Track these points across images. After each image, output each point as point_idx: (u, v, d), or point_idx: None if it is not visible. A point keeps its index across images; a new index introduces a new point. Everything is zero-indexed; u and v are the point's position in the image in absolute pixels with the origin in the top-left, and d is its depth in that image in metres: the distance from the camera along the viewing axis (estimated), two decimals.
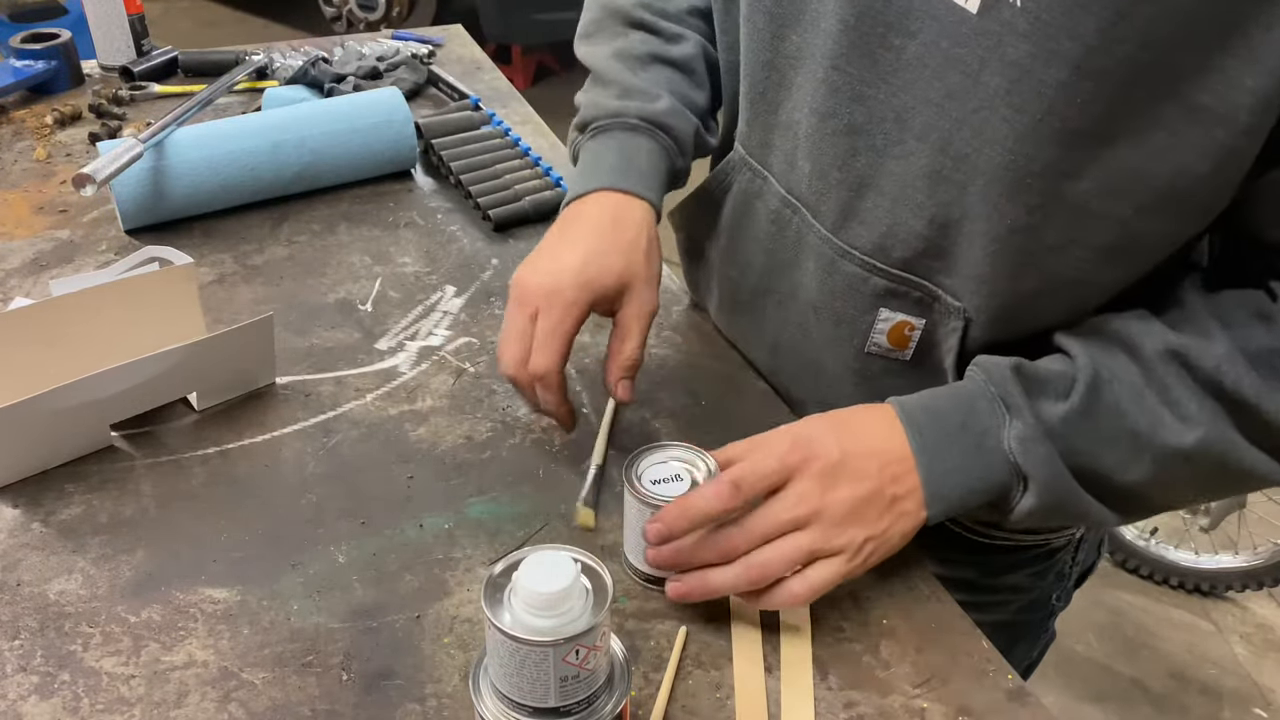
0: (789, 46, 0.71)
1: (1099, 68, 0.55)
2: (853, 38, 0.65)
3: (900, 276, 0.71)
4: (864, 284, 0.72)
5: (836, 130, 0.69)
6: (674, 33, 0.85)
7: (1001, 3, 0.57)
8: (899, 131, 0.66)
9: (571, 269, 0.73)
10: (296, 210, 1.11)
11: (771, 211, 0.79)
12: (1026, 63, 0.57)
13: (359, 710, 0.61)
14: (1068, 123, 0.58)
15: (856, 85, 0.67)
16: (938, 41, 0.61)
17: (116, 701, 0.61)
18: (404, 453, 0.80)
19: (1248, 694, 1.90)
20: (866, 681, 0.64)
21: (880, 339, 0.74)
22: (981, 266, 0.66)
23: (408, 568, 0.70)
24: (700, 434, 0.82)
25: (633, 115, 0.81)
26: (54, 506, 0.74)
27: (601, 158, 0.81)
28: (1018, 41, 0.57)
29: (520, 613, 0.52)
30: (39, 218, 1.08)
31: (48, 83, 1.34)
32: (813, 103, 0.70)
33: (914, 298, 0.71)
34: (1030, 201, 0.62)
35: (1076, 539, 0.88)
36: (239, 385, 0.85)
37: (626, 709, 0.57)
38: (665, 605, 0.68)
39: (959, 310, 0.69)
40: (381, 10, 4.04)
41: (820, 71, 0.69)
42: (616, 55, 0.85)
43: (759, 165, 0.79)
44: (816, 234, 0.75)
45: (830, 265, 0.74)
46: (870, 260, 0.71)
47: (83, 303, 0.78)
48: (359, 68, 1.36)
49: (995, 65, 0.59)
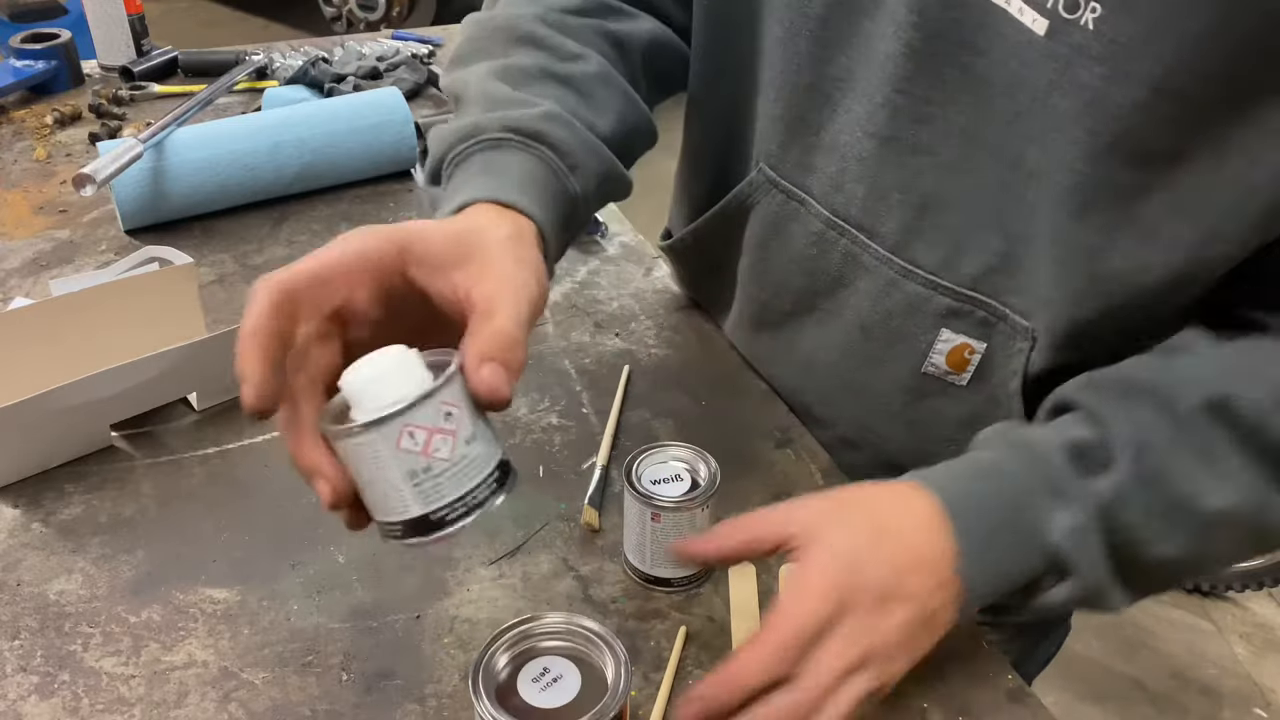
0: (836, 69, 0.69)
1: (1176, 89, 0.54)
2: (919, 60, 0.63)
3: (967, 295, 0.69)
4: (926, 303, 0.71)
5: (900, 152, 0.67)
6: (571, 51, 0.70)
7: (1072, 25, 0.56)
8: (968, 148, 0.64)
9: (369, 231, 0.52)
10: (296, 210, 1.11)
11: (812, 234, 0.75)
12: (1100, 85, 0.56)
13: (359, 710, 0.61)
14: (1141, 145, 0.57)
15: (921, 106, 0.65)
16: (1006, 61, 0.60)
17: (116, 701, 0.61)
18: None
19: (1248, 694, 1.90)
20: None
21: (939, 359, 0.72)
22: (1049, 287, 0.65)
23: (408, 568, 0.70)
24: (700, 434, 0.82)
25: (493, 129, 0.61)
26: (54, 506, 0.74)
27: (453, 189, 0.60)
28: (1090, 64, 0.56)
29: (355, 415, 0.46)
30: (39, 218, 1.08)
31: (48, 83, 1.34)
32: (868, 126, 0.68)
33: (979, 318, 0.69)
34: (1099, 222, 0.61)
35: None
36: (239, 385, 0.84)
37: (626, 709, 0.56)
38: (665, 605, 0.68)
39: (1027, 331, 0.68)
40: (381, 10, 4.04)
41: (879, 95, 0.66)
42: (492, 72, 0.67)
43: (795, 188, 0.76)
44: (873, 254, 0.72)
45: (889, 284, 0.72)
46: (935, 278, 0.70)
47: (83, 303, 0.78)
48: (359, 68, 1.36)
49: (1065, 88, 0.57)
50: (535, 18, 0.70)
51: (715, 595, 0.69)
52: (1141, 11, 0.54)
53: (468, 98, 0.66)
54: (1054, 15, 0.57)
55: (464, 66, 0.70)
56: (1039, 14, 0.57)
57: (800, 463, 0.80)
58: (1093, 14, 0.55)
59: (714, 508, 0.67)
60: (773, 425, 0.84)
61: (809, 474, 0.79)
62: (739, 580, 0.70)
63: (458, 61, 0.71)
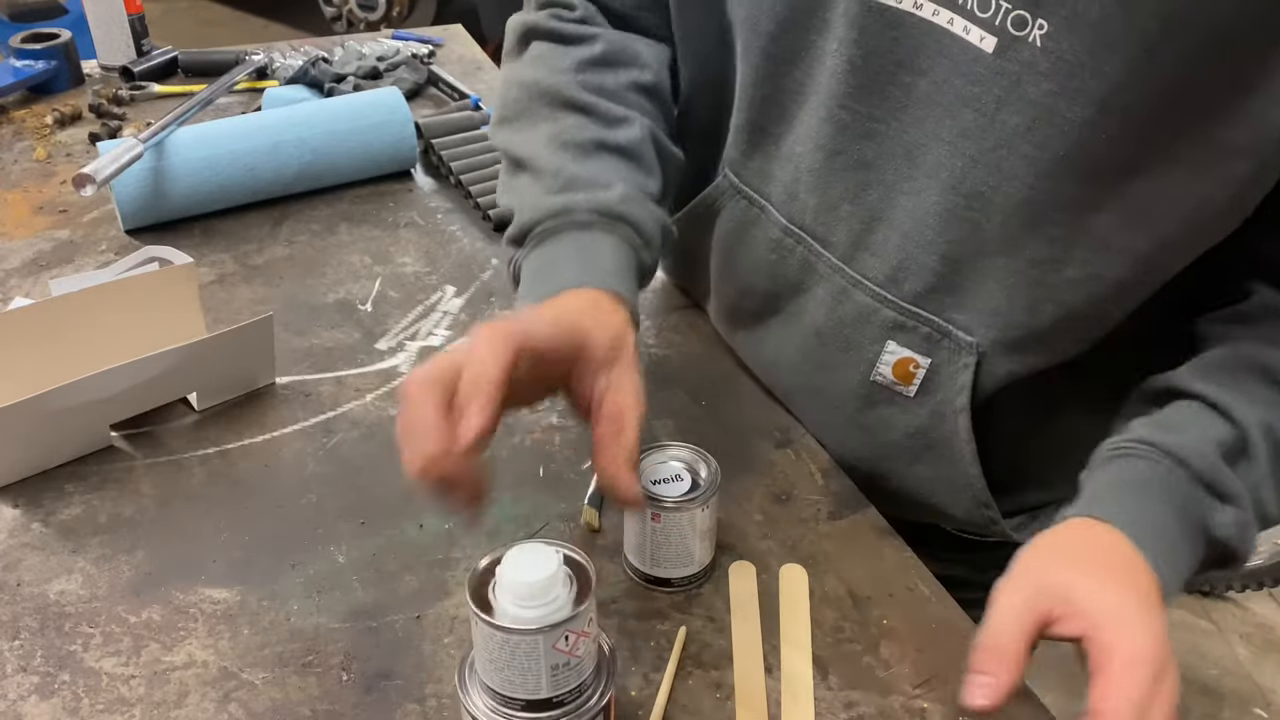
0: (790, 83, 0.70)
1: (1123, 105, 0.55)
2: (860, 77, 0.65)
3: (910, 311, 0.70)
4: (874, 315, 0.72)
5: (846, 165, 0.69)
6: (617, 115, 0.74)
7: (1020, 42, 0.57)
8: (909, 168, 0.66)
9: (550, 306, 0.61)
10: (296, 210, 1.11)
11: (772, 240, 0.77)
12: (1048, 101, 0.57)
13: (359, 710, 0.61)
14: (1090, 159, 0.57)
15: (865, 122, 0.66)
16: (950, 79, 0.61)
17: (116, 701, 0.61)
18: None
19: (1248, 694, 1.90)
20: (866, 681, 0.64)
21: (885, 370, 0.73)
22: (998, 300, 0.66)
23: (408, 568, 0.70)
24: (700, 434, 0.82)
25: (583, 210, 0.68)
26: (54, 506, 0.74)
27: (558, 263, 0.66)
28: (1038, 80, 0.57)
29: (507, 605, 0.52)
30: (39, 218, 1.08)
31: (48, 83, 1.34)
32: (818, 138, 0.69)
33: (923, 333, 0.70)
34: (1051, 234, 0.62)
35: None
36: (239, 385, 0.85)
37: (613, 701, 0.57)
38: (665, 605, 0.68)
39: (971, 346, 0.69)
40: (381, 10, 4.04)
41: (824, 110, 0.68)
42: (551, 142, 0.72)
43: (755, 194, 0.77)
44: (827, 263, 0.74)
45: (841, 293, 0.73)
46: (881, 292, 0.71)
47: (83, 303, 0.78)
48: (359, 68, 1.36)
49: (1014, 104, 0.58)
50: (575, 83, 0.74)
51: (715, 595, 0.69)
52: (1087, 29, 0.54)
53: (536, 166, 0.72)
54: (1002, 33, 0.57)
55: (514, 128, 0.76)
56: (986, 32, 0.58)
57: (800, 463, 0.80)
58: (1040, 31, 0.56)
59: (714, 508, 0.67)
60: (773, 425, 0.84)
61: (809, 474, 0.79)
62: (739, 580, 0.70)
63: (505, 122, 0.77)
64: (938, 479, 0.76)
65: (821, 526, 0.75)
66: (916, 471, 0.76)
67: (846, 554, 0.73)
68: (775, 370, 0.84)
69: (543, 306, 0.61)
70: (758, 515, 0.75)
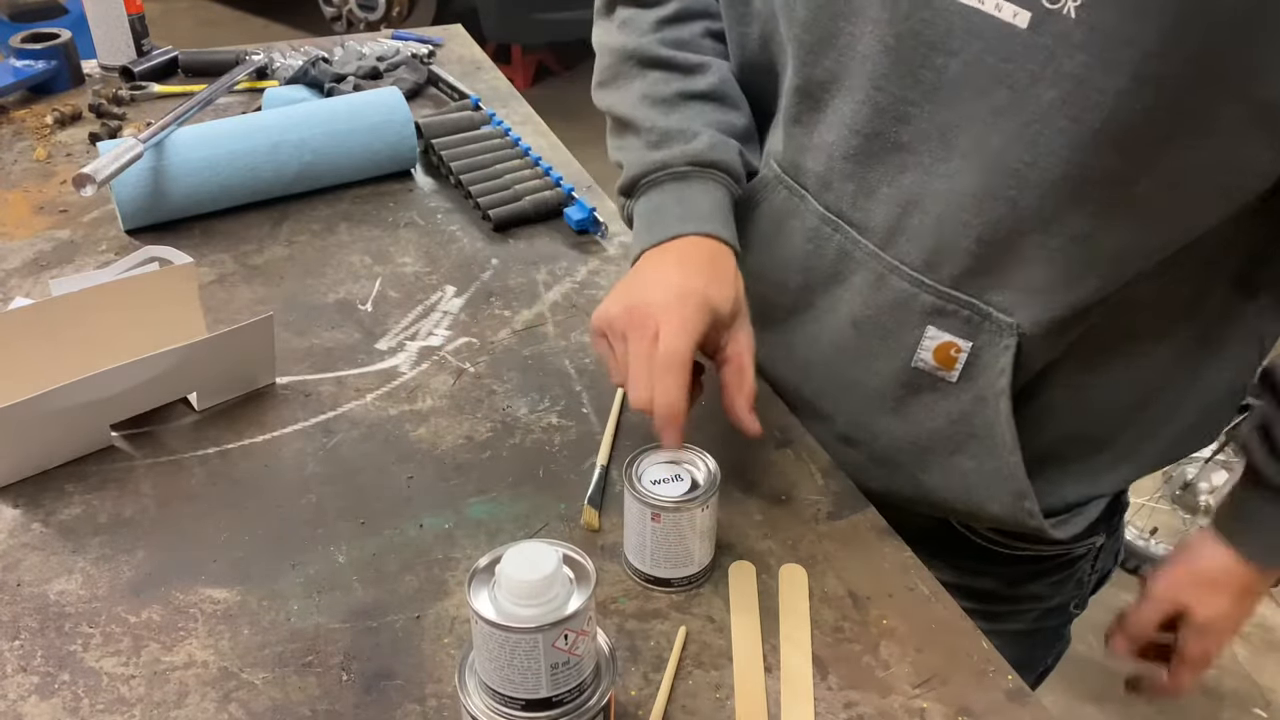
0: (820, 72, 0.71)
1: (1159, 74, 0.55)
2: (893, 58, 0.65)
3: (949, 294, 0.70)
4: (913, 300, 0.72)
5: (883, 148, 0.69)
6: (694, 64, 0.82)
7: (1054, 15, 0.57)
8: (944, 150, 0.66)
9: (696, 290, 0.70)
10: (296, 210, 1.11)
11: (809, 229, 0.77)
12: (1083, 73, 0.57)
13: (359, 710, 0.61)
14: (1128, 130, 0.57)
15: (901, 105, 0.67)
16: (982, 58, 0.61)
17: (116, 701, 0.61)
18: (404, 453, 0.80)
19: (1248, 694, 1.90)
20: (866, 681, 0.64)
21: (927, 356, 0.73)
22: (1038, 278, 0.66)
23: (408, 568, 0.70)
24: (700, 434, 0.82)
25: (679, 163, 0.78)
26: (54, 506, 0.74)
27: (664, 210, 0.78)
28: (1073, 52, 0.57)
29: (506, 604, 0.52)
30: (39, 218, 1.08)
31: (48, 83, 1.34)
32: (854, 122, 0.70)
33: (963, 316, 0.70)
34: (1089, 208, 0.62)
35: (1097, 547, 0.88)
36: (239, 385, 0.85)
37: (613, 700, 0.57)
38: (665, 605, 0.68)
39: (1011, 327, 0.69)
40: (381, 10, 4.04)
41: (861, 92, 0.68)
42: (642, 100, 0.82)
43: (795, 183, 0.78)
44: (864, 249, 0.74)
45: (879, 280, 0.73)
46: (919, 276, 0.71)
47: (83, 303, 0.78)
48: (359, 68, 1.36)
49: (1049, 78, 0.58)
50: (655, 42, 0.83)
51: (715, 595, 0.69)
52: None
53: (634, 124, 0.82)
54: (1036, 6, 0.58)
55: (610, 90, 0.85)
56: (1020, 7, 0.58)
57: (800, 463, 0.80)
58: (1074, 2, 0.56)
59: (714, 508, 0.67)
60: (773, 425, 0.84)
61: (809, 474, 0.79)
62: (739, 580, 0.70)
63: (603, 85, 0.86)
64: (977, 470, 0.75)
65: (821, 526, 0.75)
66: (956, 463, 0.75)
67: (846, 554, 0.73)
68: (807, 370, 0.83)
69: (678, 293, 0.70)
70: (758, 515, 0.75)
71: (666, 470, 0.68)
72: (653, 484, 0.66)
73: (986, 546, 0.84)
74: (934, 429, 0.75)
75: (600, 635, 0.57)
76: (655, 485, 0.66)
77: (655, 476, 0.67)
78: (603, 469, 0.78)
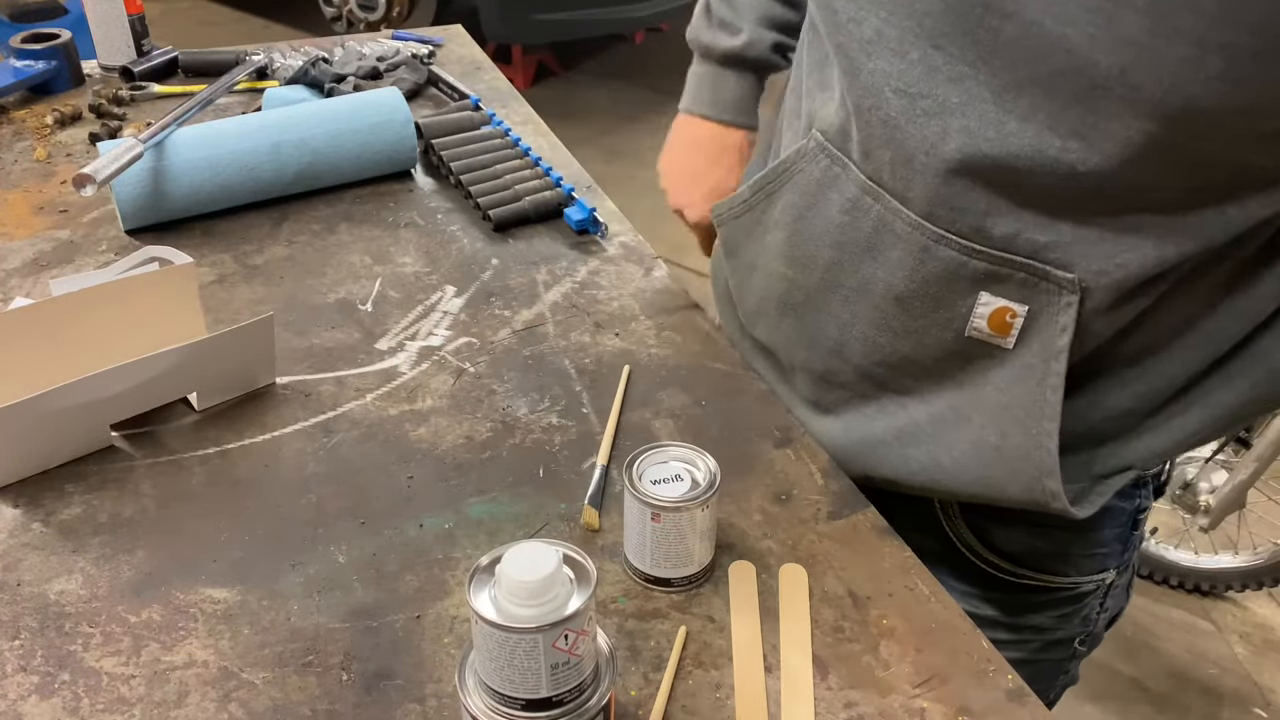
0: (865, 30, 0.68)
1: (1222, 41, 0.53)
2: (954, 17, 0.63)
3: (1003, 258, 0.67)
4: (963, 268, 0.69)
5: (928, 111, 0.66)
6: None
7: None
8: (999, 113, 0.63)
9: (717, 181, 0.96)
10: (296, 210, 1.11)
11: (848, 200, 0.74)
12: (1145, 40, 0.55)
13: (359, 710, 0.61)
14: (1192, 100, 0.56)
15: (956, 64, 0.64)
16: (1040, 20, 0.59)
17: (116, 701, 0.61)
18: (404, 453, 0.80)
19: (1248, 694, 1.90)
20: (866, 681, 0.64)
21: (980, 324, 0.71)
22: (1095, 234, 0.64)
23: (408, 568, 0.70)
24: (700, 434, 0.82)
25: (717, 54, 0.94)
26: (54, 506, 0.74)
27: (702, 86, 0.97)
28: (1134, 17, 0.55)
29: (506, 604, 0.52)
30: (39, 218, 1.08)
31: (48, 83, 1.34)
32: (897, 83, 0.67)
33: (1018, 279, 0.68)
34: (1152, 172, 0.60)
35: (1106, 584, 0.87)
36: (239, 385, 0.85)
37: (613, 700, 0.57)
38: (665, 605, 0.68)
39: (1072, 283, 0.66)
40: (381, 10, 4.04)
41: (915, 52, 0.65)
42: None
43: (840, 153, 0.75)
44: (905, 220, 0.70)
45: (923, 252, 0.70)
46: (968, 244, 0.68)
47: (83, 303, 0.78)
48: (359, 68, 1.36)
49: (1109, 44, 0.56)
50: None
51: (715, 595, 0.69)
52: None
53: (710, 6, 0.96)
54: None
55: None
56: None
57: (800, 463, 0.80)
58: None
59: (714, 508, 0.67)
60: (773, 425, 0.84)
61: (809, 474, 0.79)
62: (739, 580, 0.70)
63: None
64: (1000, 447, 0.73)
65: (821, 526, 0.75)
66: (983, 436, 0.74)
67: (846, 554, 0.73)
68: (843, 354, 0.80)
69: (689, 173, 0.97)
70: (758, 515, 0.75)
71: (666, 470, 0.68)
72: (653, 484, 0.66)
73: (992, 573, 0.83)
74: (983, 396, 0.74)
75: (600, 635, 0.57)
76: (655, 485, 0.66)
77: (655, 476, 0.67)
78: (603, 469, 0.78)
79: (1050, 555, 0.83)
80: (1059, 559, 0.84)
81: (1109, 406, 0.74)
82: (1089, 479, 0.77)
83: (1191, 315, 0.70)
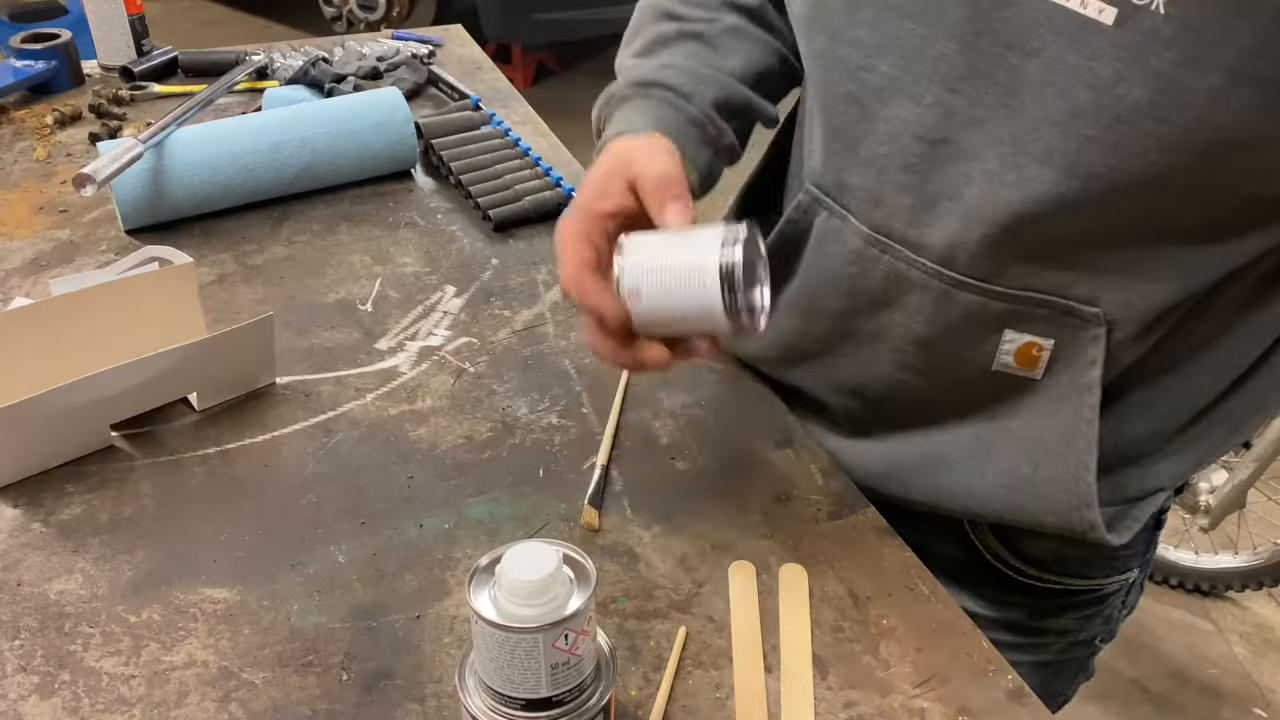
0: (877, 77, 0.67)
1: (1256, 74, 0.53)
2: (971, 58, 0.62)
3: (1026, 297, 0.67)
4: (984, 309, 0.68)
5: (950, 157, 0.65)
6: (703, 16, 0.80)
7: (1142, 11, 0.54)
8: (1017, 155, 0.62)
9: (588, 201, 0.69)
10: (296, 210, 1.11)
11: (852, 252, 0.72)
12: (1173, 72, 0.54)
13: (359, 710, 0.61)
14: (1220, 132, 0.55)
15: (974, 108, 0.63)
16: (1064, 57, 0.58)
17: (116, 701, 0.61)
18: (404, 453, 0.80)
19: (1248, 694, 1.90)
20: (866, 681, 0.64)
21: (1007, 359, 0.70)
22: (1118, 271, 0.64)
23: (408, 568, 0.70)
24: (700, 434, 0.82)
25: (620, 88, 0.77)
26: (54, 506, 0.74)
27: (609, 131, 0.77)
28: (1162, 50, 0.54)
29: (506, 604, 0.52)
30: (39, 218, 1.08)
31: (48, 83, 1.34)
32: (916, 128, 0.66)
33: (1041, 315, 0.67)
34: (1174, 209, 0.60)
35: (1130, 583, 0.86)
36: (239, 385, 0.85)
37: (613, 700, 0.57)
38: (665, 605, 0.68)
39: (1098, 317, 0.66)
40: (381, 10, 4.04)
41: (930, 96, 0.64)
42: (637, 51, 0.81)
43: (836, 204, 0.73)
44: (921, 268, 0.69)
45: (943, 297, 0.69)
46: (990, 286, 0.67)
47: (83, 303, 0.78)
48: (359, 68, 1.36)
49: (1135, 78, 0.56)
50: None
51: (715, 595, 0.69)
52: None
53: (620, 76, 0.80)
54: (1122, 3, 0.55)
55: (625, 48, 0.84)
56: (1105, 3, 0.56)
57: (800, 463, 0.80)
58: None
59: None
60: (773, 425, 0.84)
61: (809, 474, 0.79)
62: (739, 580, 0.70)
63: (624, 44, 0.85)
64: (1042, 474, 0.72)
65: (821, 526, 0.75)
66: (1014, 467, 0.73)
67: (846, 554, 0.73)
68: (863, 396, 0.79)
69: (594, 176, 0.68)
70: (758, 515, 0.75)
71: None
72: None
73: (1015, 578, 0.82)
74: (1013, 428, 0.73)
75: (600, 635, 0.57)
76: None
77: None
78: (603, 469, 0.78)
79: (1078, 561, 0.83)
80: (1085, 564, 0.84)
81: (1134, 431, 0.74)
82: (1122, 502, 0.77)
83: (1209, 335, 0.69)
